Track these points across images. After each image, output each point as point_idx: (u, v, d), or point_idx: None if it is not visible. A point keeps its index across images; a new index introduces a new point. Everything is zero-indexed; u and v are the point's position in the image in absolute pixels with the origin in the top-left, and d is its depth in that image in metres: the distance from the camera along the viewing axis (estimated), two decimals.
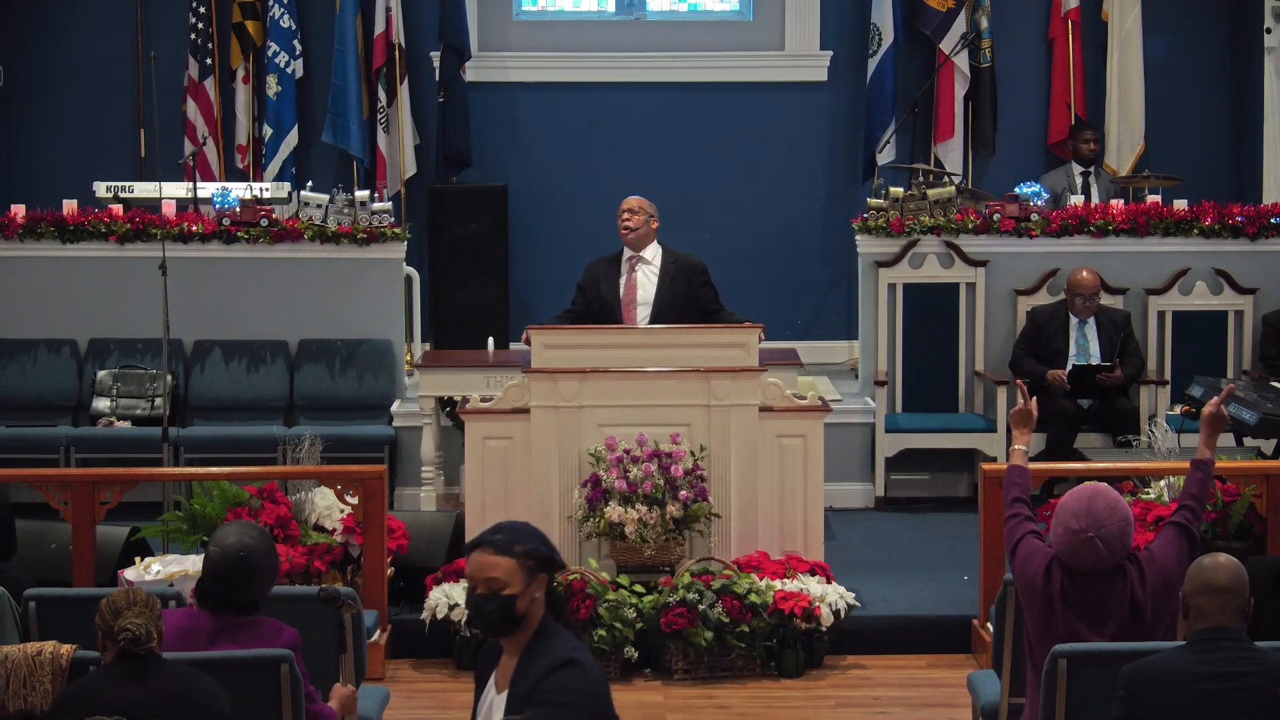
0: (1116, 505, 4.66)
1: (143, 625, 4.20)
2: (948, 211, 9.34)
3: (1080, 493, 4.70)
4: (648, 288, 8.05)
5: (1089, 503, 4.66)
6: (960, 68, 11.04)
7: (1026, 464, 5.07)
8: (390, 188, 10.87)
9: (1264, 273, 9.34)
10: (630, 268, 8.09)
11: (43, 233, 9.25)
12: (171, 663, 4.30)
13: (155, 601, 4.32)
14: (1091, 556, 4.64)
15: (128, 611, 4.22)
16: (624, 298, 8.03)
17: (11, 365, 9.27)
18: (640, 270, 8.09)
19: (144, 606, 4.25)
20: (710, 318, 7.98)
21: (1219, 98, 11.27)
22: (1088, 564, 4.66)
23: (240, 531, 4.76)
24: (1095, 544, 4.63)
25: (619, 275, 8.09)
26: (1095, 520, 4.63)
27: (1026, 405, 5.18)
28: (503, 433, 7.18)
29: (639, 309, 8.02)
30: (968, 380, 9.37)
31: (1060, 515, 4.70)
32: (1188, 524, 4.82)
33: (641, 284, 8.06)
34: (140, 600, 4.27)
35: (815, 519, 7.24)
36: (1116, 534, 4.64)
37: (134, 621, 4.20)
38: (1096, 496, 4.67)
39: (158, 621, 4.27)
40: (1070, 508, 4.68)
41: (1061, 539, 4.69)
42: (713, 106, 11.26)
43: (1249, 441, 8.05)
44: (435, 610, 6.85)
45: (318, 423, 8.97)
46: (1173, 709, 4.09)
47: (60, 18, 11.09)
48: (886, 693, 6.66)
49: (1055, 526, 4.72)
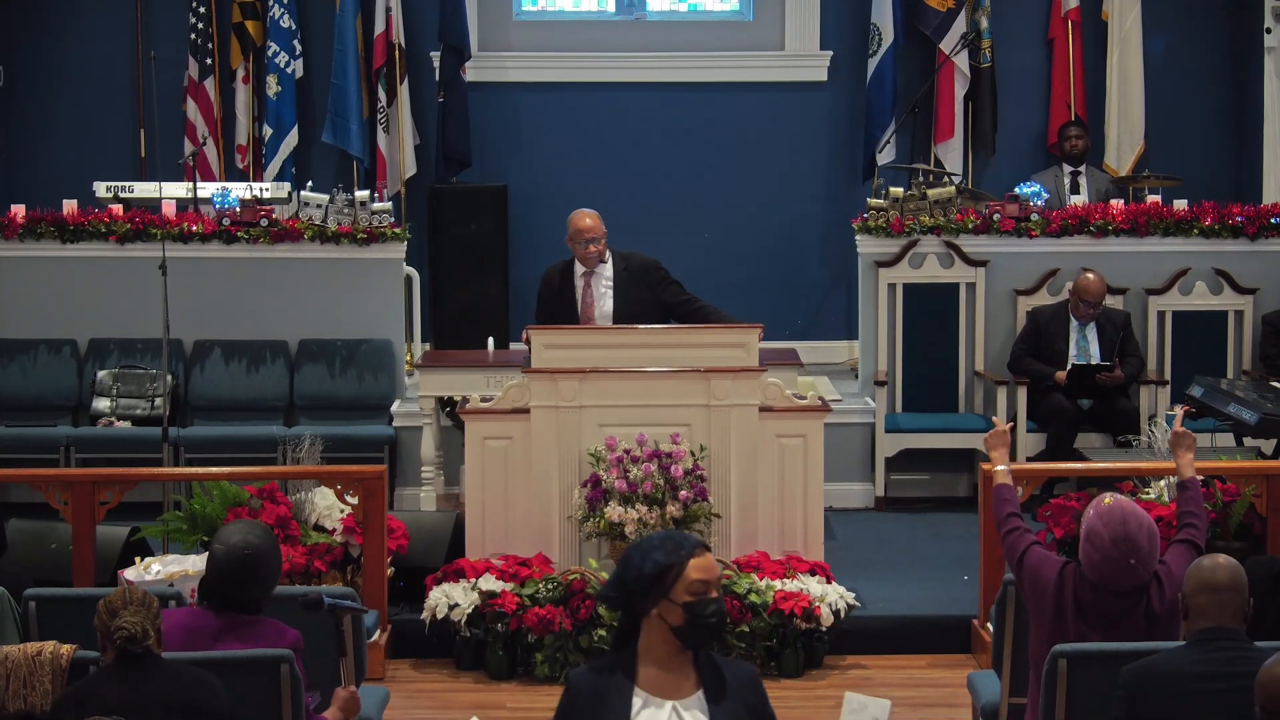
0: (1143, 521, 4.64)
1: (138, 624, 4.20)
2: (948, 211, 9.34)
3: (1111, 516, 4.63)
4: (605, 300, 7.80)
5: (1123, 527, 4.60)
6: (960, 68, 11.04)
7: (1011, 481, 5.12)
8: (390, 188, 10.87)
9: (1264, 273, 9.34)
10: (585, 282, 7.82)
11: (43, 233, 9.25)
12: (172, 663, 4.29)
13: (152, 600, 4.31)
14: (1130, 579, 4.64)
15: (124, 611, 4.22)
16: (582, 314, 7.78)
17: (11, 365, 9.27)
18: (594, 283, 7.82)
19: (139, 605, 4.24)
20: (688, 312, 7.73)
21: (1219, 98, 11.27)
22: (1125, 586, 4.66)
23: (245, 530, 4.76)
24: (1136, 570, 4.63)
25: (573, 289, 7.83)
26: (1134, 546, 4.61)
27: (1002, 429, 5.31)
28: (503, 433, 7.18)
29: (599, 323, 7.75)
30: (968, 380, 9.37)
31: (1094, 539, 4.64)
32: (1194, 539, 4.88)
33: (599, 297, 7.81)
34: (136, 599, 4.26)
35: (815, 519, 7.24)
36: (1149, 552, 4.65)
37: (129, 620, 4.20)
38: (1128, 519, 4.62)
39: (155, 620, 4.26)
40: (1104, 534, 4.62)
41: (1098, 565, 4.65)
42: (713, 106, 11.25)
43: (1249, 441, 8.05)
44: (435, 610, 6.85)
45: (318, 423, 8.97)
46: (1173, 709, 4.09)
47: (60, 18, 11.08)
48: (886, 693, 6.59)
49: (1087, 548, 4.66)
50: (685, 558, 3.60)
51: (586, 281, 7.84)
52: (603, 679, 3.63)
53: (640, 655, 3.64)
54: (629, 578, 3.63)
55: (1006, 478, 5.12)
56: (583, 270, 7.83)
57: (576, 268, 7.85)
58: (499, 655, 6.80)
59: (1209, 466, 6.86)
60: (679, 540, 3.65)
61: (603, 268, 7.83)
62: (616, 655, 3.67)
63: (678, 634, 3.59)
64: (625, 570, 3.65)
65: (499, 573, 6.93)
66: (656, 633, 3.61)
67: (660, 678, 3.62)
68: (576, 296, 7.83)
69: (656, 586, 3.59)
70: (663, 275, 7.83)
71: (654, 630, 3.61)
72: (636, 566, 3.62)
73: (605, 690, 3.62)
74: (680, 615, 3.59)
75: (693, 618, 3.59)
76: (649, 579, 3.60)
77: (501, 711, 6.50)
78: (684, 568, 3.59)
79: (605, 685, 3.62)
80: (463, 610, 6.80)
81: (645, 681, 3.62)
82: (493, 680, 6.79)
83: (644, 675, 3.62)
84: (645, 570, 3.60)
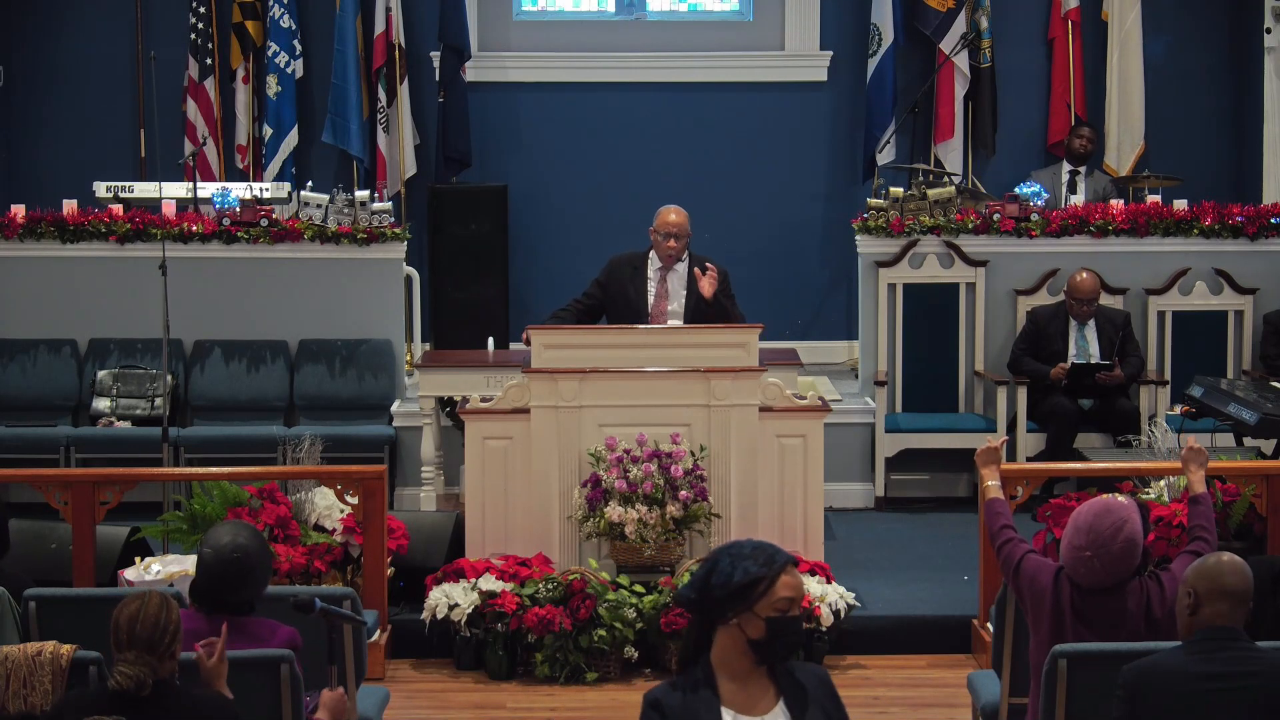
0: (1123, 526, 4.65)
1: (132, 677, 3.97)
2: (948, 211, 9.34)
3: (1091, 509, 4.71)
4: (679, 297, 7.90)
5: (1094, 520, 4.67)
6: (960, 68, 11.04)
7: (1002, 495, 5.16)
8: (390, 188, 10.87)
9: (1264, 273, 9.34)
10: (661, 277, 7.93)
11: (43, 233, 9.25)
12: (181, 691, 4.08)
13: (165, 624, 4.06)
14: (1088, 574, 4.69)
15: (126, 652, 4.00)
16: (654, 308, 7.88)
17: (11, 365, 9.27)
18: (670, 279, 7.94)
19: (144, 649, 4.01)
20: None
21: (1219, 98, 11.26)
22: (1085, 581, 4.71)
23: (234, 532, 4.76)
24: (1093, 563, 4.66)
25: (646, 282, 7.93)
26: (1097, 539, 4.65)
27: (995, 445, 5.35)
28: (503, 433, 7.18)
29: (670, 321, 7.85)
30: (968, 380, 9.37)
31: (1069, 529, 4.74)
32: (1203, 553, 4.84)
33: (674, 294, 7.92)
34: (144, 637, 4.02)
35: (815, 519, 7.24)
36: (1118, 554, 4.65)
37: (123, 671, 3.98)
38: (1104, 515, 4.67)
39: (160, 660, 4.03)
40: (1077, 523, 4.70)
41: (1066, 553, 4.74)
42: (713, 106, 11.26)
43: (1249, 441, 8.05)
44: (435, 610, 6.85)
45: (318, 423, 8.97)
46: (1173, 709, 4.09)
47: (60, 18, 11.08)
48: (886, 693, 6.65)
49: (1064, 537, 4.77)
50: (777, 572, 3.50)
51: (663, 276, 7.93)
52: (688, 697, 3.50)
53: (716, 668, 3.52)
54: (715, 583, 3.50)
55: (997, 492, 5.18)
56: (659, 264, 7.93)
57: (652, 260, 7.96)
58: (499, 655, 6.80)
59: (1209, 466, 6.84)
60: (772, 553, 3.53)
61: (680, 266, 7.93)
62: (693, 671, 3.54)
63: (754, 647, 3.48)
64: (711, 575, 3.51)
65: (499, 573, 6.93)
66: (732, 643, 3.50)
67: (741, 692, 3.51)
68: (649, 289, 7.91)
69: (742, 597, 3.48)
70: (726, 287, 7.90)
71: (729, 640, 3.50)
72: (725, 573, 3.49)
73: (694, 708, 3.49)
74: (761, 629, 3.48)
75: (774, 634, 3.49)
76: (736, 587, 3.48)
77: (501, 711, 6.50)
78: (774, 583, 3.49)
79: (693, 703, 3.49)
80: (463, 610, 6.80)
81: (728, 697, 3.50)
82: (493, 680, 6.79)
83: (725, 690, 3.51)
84: (734, 578, 3.48)
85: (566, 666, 6.73)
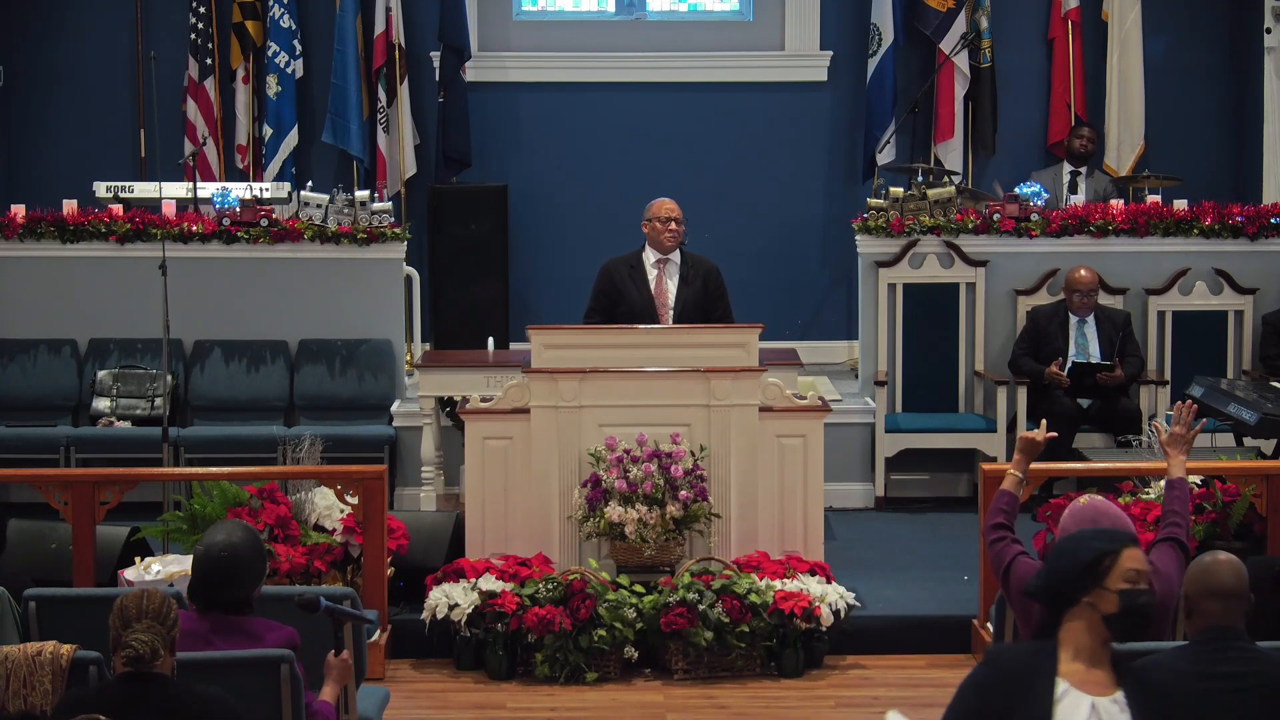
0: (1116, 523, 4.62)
1: (148, 643, 4.04)
2: (948, 211, 9.35)
3: (1083, 515, 4.68)
4: (672, 291, 8.01)
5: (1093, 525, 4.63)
6: (960, 68, 11.04)
7: (1017, 491, 5.10)
8: (390, 188, 10.88)
9: (1264, 273, 9.34)
10: (659, 270, 8.02)
11: (43, 233, 9.25)
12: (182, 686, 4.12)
13: (170, 608, 4.14)
14: None
15: (136, 624, 4.07)
16: (657, 300, 7.98)
17: (11, 365, 9.27)
18: (667, 271, 8.03)
19: (154, 619, 4.09)
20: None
21: (1219, 98, 11.27)
22: None
23: (227, 530, 4.77)
24: None
25: (645, 276, 8.03)
26: None
27: (1039, 438, 5.22)
28: (503, 433, 7.18)
29: (669, 312, 7.98)
30: (968, 380, 9.37)
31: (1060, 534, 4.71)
32: (1177, 536, 4.93)
33: (669, 287, 8.01)
34: (153, 609, 4.10)
35: (815, 519, 7.24)
36: None
37: (139, 638, 4.04)
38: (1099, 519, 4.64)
39: (169, 634, 4.10)
40: (1068, 528, 4.66)
41: None
42: (713, 106, 11.26)
43: (1249, 441, 8.05)
44: (435, 610, 6.85)
45: (318, 423, 8.97)
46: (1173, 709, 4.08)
47: (60, 18, 11.09)
48: (886, 693, 6.65)
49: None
50: (1121, 546, 3.69)
51: (660, 269, 8.02)
52: (1028, 658, 3.68)
53: (1061, 646, 3.68)
54: (1063, 566, 3.71)
55: (1011, 484, 5.11)
56: (655, 258, 8.01)
57: (647, 256, 8.04)
58: (499, 655, 6.80)
59: (1209, 466, 6.86)
60: (1113, 532, 3.76)
61: (674, 258, 8.01)
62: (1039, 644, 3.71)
63: (1109, 622, 3.66)
64: (1058, 560, 3.73)
65: (499, 573, 6.93)
66: (1084, 623, 3.68)
67: (1082, 672, 3.67)
68: (650, 282, 7.99)
69: (1091, 574, 3.69)
70: (719, 285, 8.02)
71: (1081, 620, 3.69)
72: (1071, 555, 3.71)
73: (1031, 669, 3.65)
74: (1115, 602, 3.67)
75: (1127, 605, 3.67)
76: (1084, 565, 3.69)
77: (501, 711, 6.50)
78: (1119, 555, 3.68)
79: (1031, 664, 3.66)
80: (463, 610, 6.80)
81: (1067, 672, 3.66)
82: (493, 680, 6.79)
83: (1065, 666, 3.66)
84: (1081, 557, 3.70)
85: (566, 666, 6.73)
